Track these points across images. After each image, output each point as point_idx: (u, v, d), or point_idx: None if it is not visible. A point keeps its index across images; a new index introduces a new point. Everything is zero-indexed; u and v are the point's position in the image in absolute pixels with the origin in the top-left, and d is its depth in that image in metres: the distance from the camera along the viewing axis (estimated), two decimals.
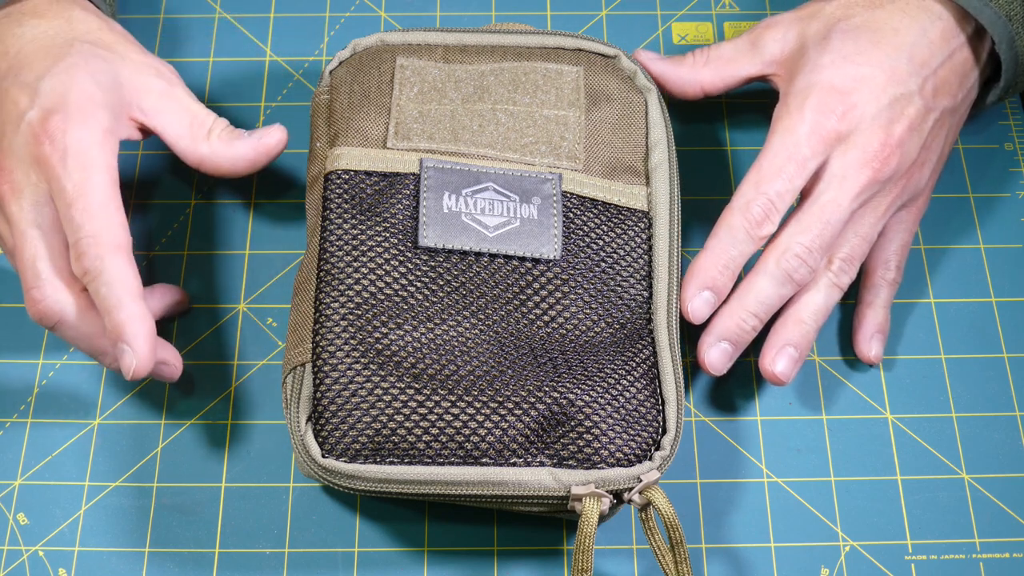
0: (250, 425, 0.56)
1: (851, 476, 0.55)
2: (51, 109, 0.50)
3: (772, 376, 0.54)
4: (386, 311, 0.51)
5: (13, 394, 0.56)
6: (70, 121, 0.50)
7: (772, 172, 0.53)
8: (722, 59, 0.59)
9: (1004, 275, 0.60)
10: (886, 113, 0.53)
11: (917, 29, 0.54)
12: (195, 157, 0.55)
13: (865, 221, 0.54)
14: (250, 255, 0.60)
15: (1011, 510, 0.54)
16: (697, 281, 0.53)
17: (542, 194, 0.54)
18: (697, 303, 0.53)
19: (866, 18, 0.55)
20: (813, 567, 0.53)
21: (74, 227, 0.49)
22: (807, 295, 0.54)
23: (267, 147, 0.56)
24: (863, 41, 0.54)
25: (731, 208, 0.53)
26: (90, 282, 0.49)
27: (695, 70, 0.59)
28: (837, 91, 0.53)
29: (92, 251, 0.49)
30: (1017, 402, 0.57)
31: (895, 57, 0.54)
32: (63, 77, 0.51)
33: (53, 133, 0.50)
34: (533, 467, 0.48)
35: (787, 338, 0.54)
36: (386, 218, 0.53)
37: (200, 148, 0.55)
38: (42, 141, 0.50)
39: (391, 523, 0.54)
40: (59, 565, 0.53)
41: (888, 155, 0.53)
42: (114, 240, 0.50)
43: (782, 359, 0.54)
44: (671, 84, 0.59)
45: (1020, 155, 0.64)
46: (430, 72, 0.57)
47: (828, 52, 0.54)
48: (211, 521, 0.54)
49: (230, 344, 0.58)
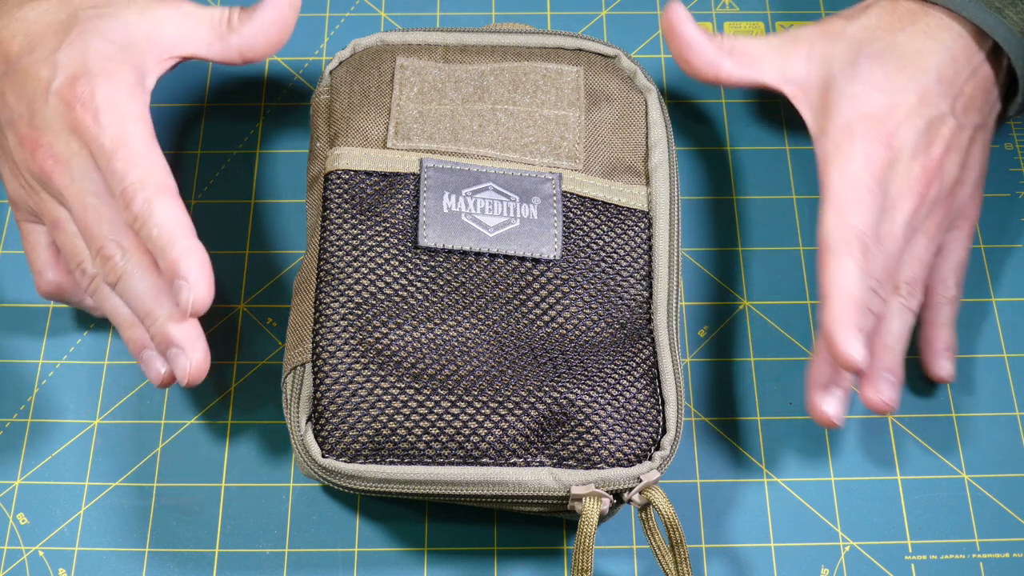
0: (250, 425, 0.56)
1: (851, 476, 0.55)
2: (75, 75, 0.50)
3: (881, 405, 0.52)
4: (386, 311, 0.51)
5: (13, 394, 0.56)
6: (96, 82, 0.50)
7: (848, 206, 0.51)
8: (746, 55, 0.57)
9: (1004, 275, 0.60)
10: (924, 137, 0.53)
11: (941, 49, 0.54)
12: (234, 53, 0.55)
13: (919, 244, 0.54)
14: (250, 255, 0.60)
15: (1011, 510, 0.54)
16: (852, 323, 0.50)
17: (542, 194, 0.54)
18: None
19: (889, 42, 0.55)
20: (813, 567, 0.53)
21: (119, 177, 0.49)
22: (885, 323, 0.53)
23: (285, 2, 0.55)
24: (890, 67, 0.54)
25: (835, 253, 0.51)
26: (141, 227, 0.49)
27: (719, 56, 0.57)
28: (877, 120, 0.53)
29: (140, 196, 0.49)
30: (1017, 402, 0.57)
31: (923, 80, 0.54)
32: (78, 44, 0.51)
33: (82, 96, 0.50)
34: (533, 467, 0.48)
35: (882, 365, 0.53)
36: (386, 218, 0.53)
37: (232, 41, 0.55)
38: (73, 106, 0.50)
39: (391, 523, 0.54)
40: (59, 565, 0.53)
41: (931, 179, 0.53)
42: (160, 183, 0.49)
43: (885, 387, 0.53)
44: (692, 58, 0.57)
45: (1020, 155, 0.64)
46: (430, 72, 0.57)
47: (858, 81, 0.54)
48: (211, 521, 0.54)
49: (230, 344, 0.58)
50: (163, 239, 0.49)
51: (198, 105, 0.64)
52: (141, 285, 0.50)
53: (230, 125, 0.64)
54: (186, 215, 0.50)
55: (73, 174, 0.50)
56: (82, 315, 0.58)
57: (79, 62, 0.51)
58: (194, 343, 0.50)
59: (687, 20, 0.57)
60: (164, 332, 0.50)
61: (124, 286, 0.50)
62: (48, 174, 0.51)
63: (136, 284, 0.50)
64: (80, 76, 0.50)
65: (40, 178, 0.51)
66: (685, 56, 0.57)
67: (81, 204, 0.50)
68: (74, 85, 0.50)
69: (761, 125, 0.64)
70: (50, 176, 0.51)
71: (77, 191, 0.50)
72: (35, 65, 0.51)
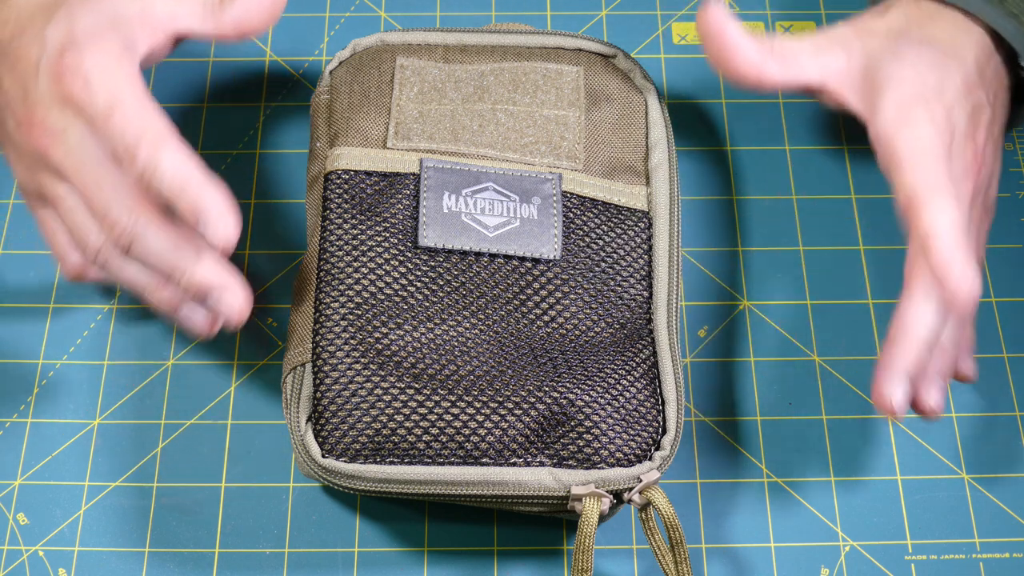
0: (250, 425, 0.56)
1: (851, 476, 0.55)
2: (61, 48, 0.50)
3: (929, 411, 0.51)
4: (386, 311, 0.51)
5: (13, 394, 0.56)
6: (83, 51, 0.50)
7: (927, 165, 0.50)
8: (786, 55, 0.54)
9: (1004, 275, 0.60)
10: (971, 122, 0.52)
11: (971, 43, 0.54)
12: (228, 27, 0.54)
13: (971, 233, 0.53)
14: (250, 255, 0.60)
15: (1011, 510, 0.54)
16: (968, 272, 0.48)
17: (542, 194, 0.54)
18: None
19: (923, 33, 0.54)
20: (813, 567, 0.53)
21: (118, 135, 0.49)
22: None
23: None
24: (933, 53, 0.53)
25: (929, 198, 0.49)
26: (151, 177, 0.49)
27: (763, 57, 0.53)
28: (932, 97, 0.52)
29: (143, 149, 0.48)
30: (1017, 402, 0.57)
31: (963, 69, 0.53)
32: (64, 20, 0.51)
33: (70, 65, 0.50)
34: (533, 467, 0.48)
35: (936, 368, 0.51)
36: (386, 218, 0.53)
37: (225, 16, 0.54)
38: (62, 77, 0.50)
39: (391, 523, 0.54)
40: (59, 565, 0.53)
41: (980, 164, 0.52)
42: (160, 133, 0.49)
43: (936, 392, 0.51)
44: (736, 60, 0.53)
45: (1020, 155, 0.64)
46: (430, 72, 0.57)
47: (906, 64, 0.53)
48: (211, 521, 0.54)
49: (230, 344, 0.58)
50: (176, 183, 0.48)
51: (198, 105, 0.64)
52: (156, 242, 0.50)
53: (230, 125, 0.64)
54: (193, 158, 0.49)
55: (69, 145, 0.50)
56: (82, 315, 0.58)
57: (65, 35, 0.50)
58: (231, 280, 0.50)
59: (728, 19, 0.53)
60: (197, 280, 0.49)
61: (139, 247, 0.50)
62: (45, 148, 0.50)
63: (151, 242, 0.50)
64: (67, 48, 0.50)
65: (38, 155, 0.51)
66: (727, 57, 0.53)
67: (79, 173, 0.50)
68: (62, 57, 0.50)
69: (761, 125, 0.64)
70: (47, 150, 0.50)
71: (75, 161, 0.50)
72: (24, 46, 0.51)
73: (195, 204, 0.48)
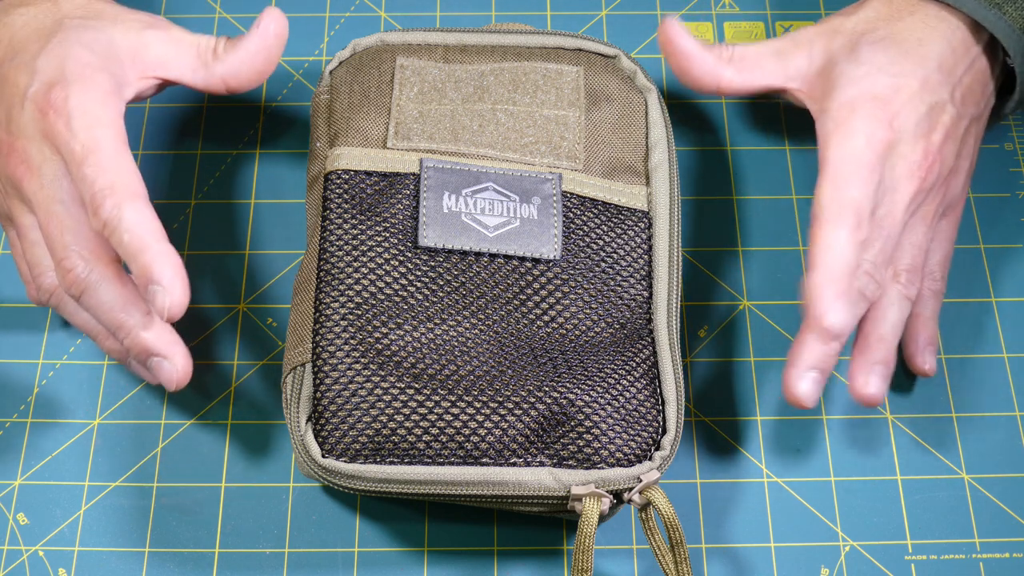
0: (250, 425, 0.56)
1: (851, 476, 0.55)
2: (51, 82, 0.50)
3: (868, 398, 0.52)
4: (386, 311, 0.51)
5: (13, 394, 0.56)
6: (70, 88, 0.50)
7: (845, 179, 0.51)
8: (745, 61, 0.57)
9: (1004, 275, 0.60)
10: (925, 122, 0.53)
11: (940, 39, 0.54)
12: (217, 81, 0.55)
13: (918, 231, 0.54)
14: (250, 255, 0.60)
15: (1011, 510, 0.54)
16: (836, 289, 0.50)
17: (542, 194, 0.54)
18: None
19: (889, 31, 0.55)
20: (813, 567, 0.53)
21: (88, 183, 0.49)
22: (881, 311, 0.53)
23: (271, 33, 0.55)
24: (892, 52, 0.54)
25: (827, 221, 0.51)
26: (111, 233, 0.49)
27: (719, 65, 0.57)
28: (880, 101, 0.53)
29: (108, 202, 0.48)
30: (1017, 402, 0.57)
31: (925, 67, 0.54)
32: (57, 51, 0.51)
33: (56, 103, 0.50)
34: (533, 467, 0.48)
35: (874, 358, 0.53)
36: (386, 218, 0.53)
37: (216, 70, 0.55)
38: (47, 113, 0.50)
39: (391, 523, 0.54)
40: (59, 565, 0.53)
41: (931, 163, 0.53)
42: (129, 188, 0.49)
43: (875, 379, 0.52)
44: (693, 70, 0.56)
45: (1020, 155, 0.64)
46: (430, 72, 0.57)
47: (861, 64, 0.54)
48: (211, 521, 0.54)
49: (230, 344, 0.58)
50: (134, 244, 0.48)
51: (198, 105, 0.64)
52: (107, 297, 0.50)
53: (230, 125, 0.64)
54: (156, 220, 0.49)
55: (43, 180, 0.50)
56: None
57: (56, 68, 0.51)
58: (173, 348, 0.50)
59: (683, 32, 0.56)
60: (139, 342, 0.50)
61: (89, 298, 0.50)
62: (19, 179, 0.51)
63: (102, 296, 0.50)
64: (56, 83, 0.50)
65: (12, 182, 0.51)
66: (684, 68, 0.56)
67: (47, 212, 0.50)
68: (49, 92, 0.50)
69: (761, 125, 0.64)
70: (20, 181, 0.51)
71: (44, 198, 0.50)
72: (14, 71, 0.51)
73: (147, 270, 0.48)
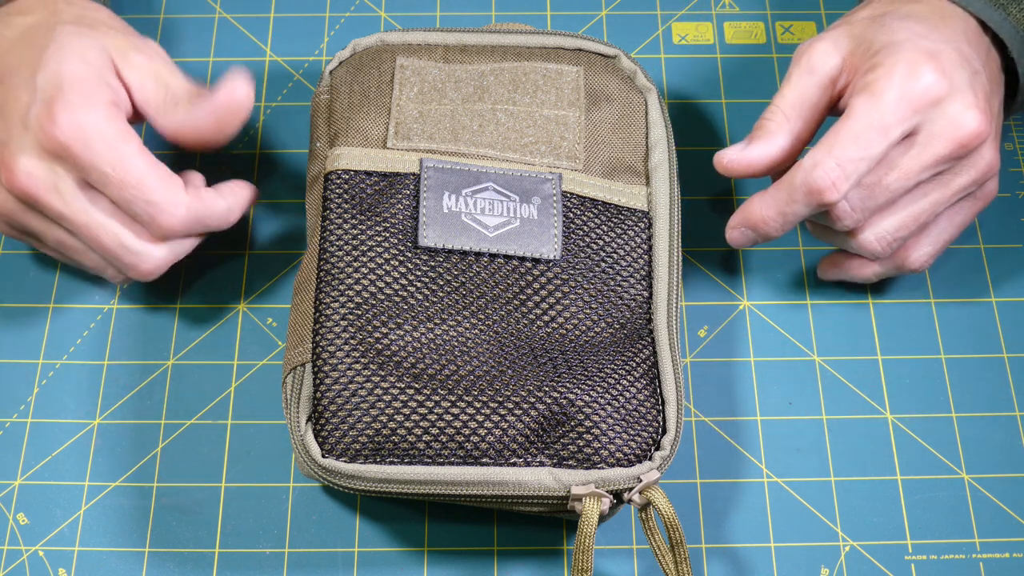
0: (250, 425, 0.56)
1: (851, 476, 0.55)
2: (51, 99, 0.50)
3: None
4: (386, 311, 0.51)
5: (13, 394, 0.56)
6: (74, 106, 0.50)
7: (849, 138, 0.50)
8: (796, 107, 0.54)
9: (1004, 275, 0.60)
10: (971, 85, 0.51)
11: (958, 23, 0.53)
12: (172, 129, 0.53)
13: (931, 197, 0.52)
14: (250, 255, 0.60)
15: (1011, 510, 0.54)
16: (743, 218, 0.54)
17: (542, 194, 0.54)
18: (737, 234, 0.55)
19: (910, 10, 0.53)
20: (813, 567, 0.53)
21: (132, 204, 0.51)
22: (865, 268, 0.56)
23: (226, 105, 0.53)
24: (923, 26, 0.52)
25: (798, 166, 0.51)
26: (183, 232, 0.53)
27: (787, 136, 0.54)
28: (926, 54, 0.51)
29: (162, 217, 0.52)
30: (1017, 402, 0.57)
31: (955, 40, 0.52)
32: (53, 65, 0.51)
33: (61, 122, 0.50)
34: (533, 467, 0.48)
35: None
36: (386, 218, 0.53)
37: (174, 117, 0.53)
38: (53, 133, 0.50)
39: (391, 523, 0.54)
40: (59, 565, 0.53)
41: (980, 127, 0.51)
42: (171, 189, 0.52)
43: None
44: (774, 165, 0.54)
45: (1020, 155, 0.64)
46: (430, 72, 0.57)
47: (897, 32, 0.52)
48: (211, 521, 0.54)
49: (230, 344, 0.58)
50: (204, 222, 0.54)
51: None
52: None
53: None
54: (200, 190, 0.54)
55: (65, 196, 0.51)
56: (82, 315, 0.58)
57: (55, 85, 0.51)
58: None
59: (739, 151, 0.54)
60: None
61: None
62: (34, 198, 0.51)
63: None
64: (57, 100, 0.50)
65: (27, 201, 0.51)
66: (767, 171, 0.55)
67: (86, 225, 0.52)
68: (52, 109, 0.50)
69: None
70: (37, 200, 0.51)
71: (77, 211, 0.51)
72: (14, 89, 0.51)
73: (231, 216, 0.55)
